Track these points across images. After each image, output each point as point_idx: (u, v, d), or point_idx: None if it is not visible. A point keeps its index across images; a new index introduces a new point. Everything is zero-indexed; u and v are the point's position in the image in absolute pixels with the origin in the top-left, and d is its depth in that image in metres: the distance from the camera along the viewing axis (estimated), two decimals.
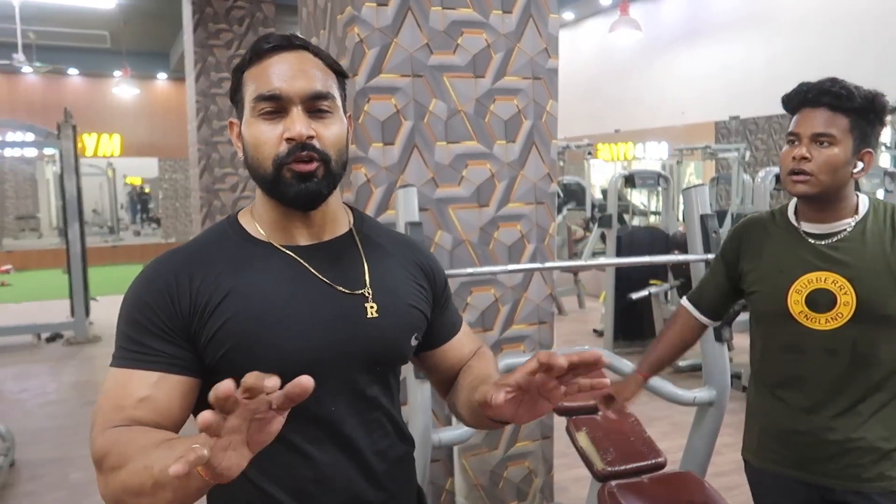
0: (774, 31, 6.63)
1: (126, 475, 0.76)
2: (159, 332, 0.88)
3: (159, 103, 13.19)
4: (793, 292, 1.40)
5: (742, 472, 3.24)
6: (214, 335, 0.89)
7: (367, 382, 0.96)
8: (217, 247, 0.95)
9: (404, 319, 0.98)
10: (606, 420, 1.90)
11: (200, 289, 0.90)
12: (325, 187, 0.92)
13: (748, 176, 7.29)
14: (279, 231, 0.95)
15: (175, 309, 0.89)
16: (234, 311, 0.89)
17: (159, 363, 0.87)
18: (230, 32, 6.66)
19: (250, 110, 0.92)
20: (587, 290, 7.55)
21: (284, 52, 0.92)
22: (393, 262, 1.01)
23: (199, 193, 6.88)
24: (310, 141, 0.89)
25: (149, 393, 0.86)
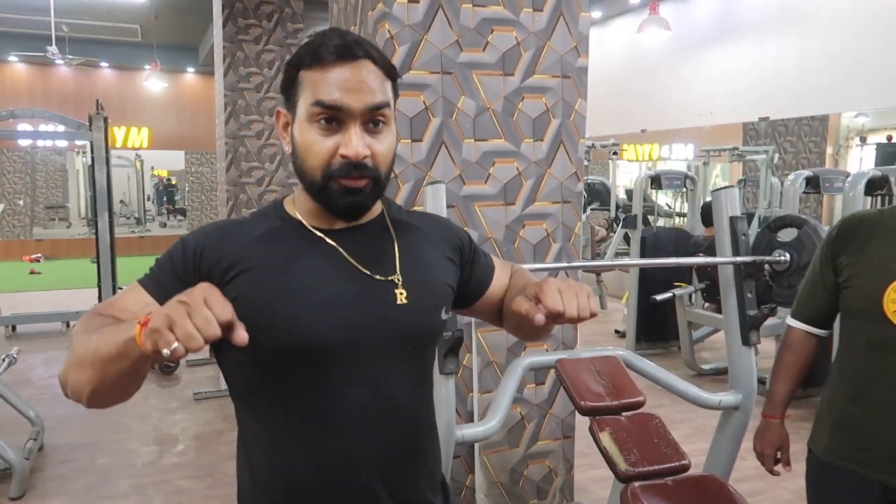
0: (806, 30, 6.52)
1: (74, 349, 0.85)
2: (179, 273, 0.93)
3: (187, 97, 13.33)
4: (890, 291, 1.37)
5: (765, 479, 3.21)
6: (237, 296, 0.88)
7: (400, 362, 0.98)
8: (255, 224, 0.99)
9: (434, 299, 1.00)
10: (631, 421, 1.89)
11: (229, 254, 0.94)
12: (371, 200, 0.96)
13: (776, 179, 7.19)
14: (315, 216, 0.98)
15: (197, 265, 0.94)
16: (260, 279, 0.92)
17: (159, 293, 0.91)
18: (259, 28, 6.71)
19: (306, 113, 0.91)
20: (609, 291, 7.51)
21: (348, 62, 0.91)
22: (423, 239, 1.04)
23: (225, 187, 6.95)
24: (364, 160, 0.90)
25: (136, 310, 0.90)
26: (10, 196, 12.23)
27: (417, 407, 1.01)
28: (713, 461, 2.27)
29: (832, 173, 4.33)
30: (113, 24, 10.33)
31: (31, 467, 3.15)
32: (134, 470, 3.27)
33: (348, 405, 0.93)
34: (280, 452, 0.94)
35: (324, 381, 0.92)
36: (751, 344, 2.17)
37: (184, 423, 3.90)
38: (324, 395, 0.92)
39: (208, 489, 3.07)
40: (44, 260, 11.37)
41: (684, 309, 4.87)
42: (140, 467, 3.30)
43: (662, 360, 4.82)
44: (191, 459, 3.40)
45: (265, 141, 6.96)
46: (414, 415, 1.00)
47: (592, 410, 1.92)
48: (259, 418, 0.96)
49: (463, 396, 2.50)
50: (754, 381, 2.21)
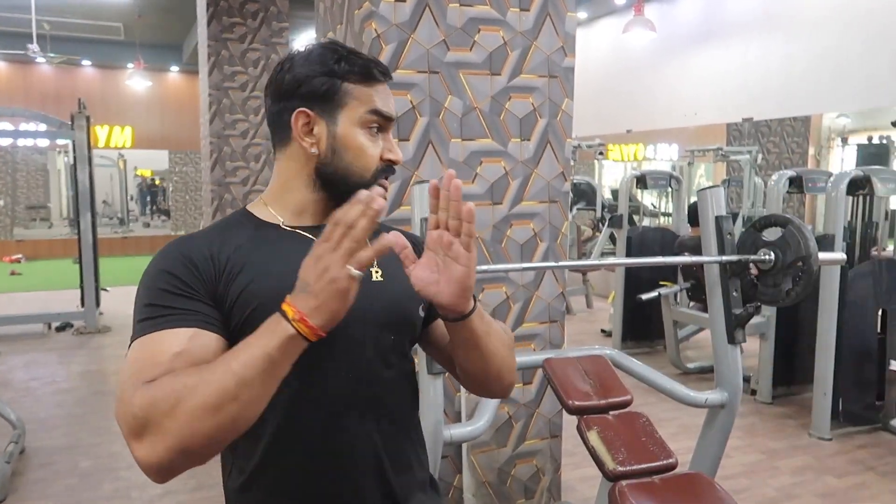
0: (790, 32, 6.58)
1: (194, 400, 0.76)
2: (187, 294, 0.89)
3: (171, 96, 13.23)
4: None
5: (750, 476, 3.24)
6: (239, 296, 0.91)
7: (384, 346, 0.99)
8: (232, 229, 0.99)
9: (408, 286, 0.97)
10: (618, 420, 1.90)
11: (220, 256, 0.93)
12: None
13: (760, 179, 7.25)
14: (299, 215, 1.00)
15: (198, 273, 0.91)
16: (256, 274, 0.92)
17: (192, 320, 0.87)
18: (244, 26, 6.67)
19: (358, 119, 0.98)
20: (595, 291, 7.54)
21: (385, 82, 1.02)
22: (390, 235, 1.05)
23: (210, 186, 6.90)
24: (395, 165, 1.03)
25: (184, 347, 0.84)
26: None
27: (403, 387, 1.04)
28: (699, 459, 2.28)
29: (815, 173, 4.37)
30: (95, 22, 10.23)
31: (13, 471, 3.10)
32: (117, 473, 3.23)
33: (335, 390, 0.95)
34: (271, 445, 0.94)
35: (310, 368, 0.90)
36: (736, 342, 2.19)
37: None
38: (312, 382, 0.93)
39: (193, 491, 3.04)
40: (24, 261, 11.22)
41: (670, 308, 4.89)
42: (123, 470, 3.26)
43: (648, 358, 4.84)
44: None
45: (250, 140, 6.92)
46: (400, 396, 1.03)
47: (580, 409, 1.92)
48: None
49: (450, 396, 2.49)
50: (740, 379, 2.22)
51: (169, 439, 0.77)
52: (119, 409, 0.81)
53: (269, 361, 0.78)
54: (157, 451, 0.77)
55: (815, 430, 3.71)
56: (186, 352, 0.83)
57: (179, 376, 0.80)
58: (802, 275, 2.06)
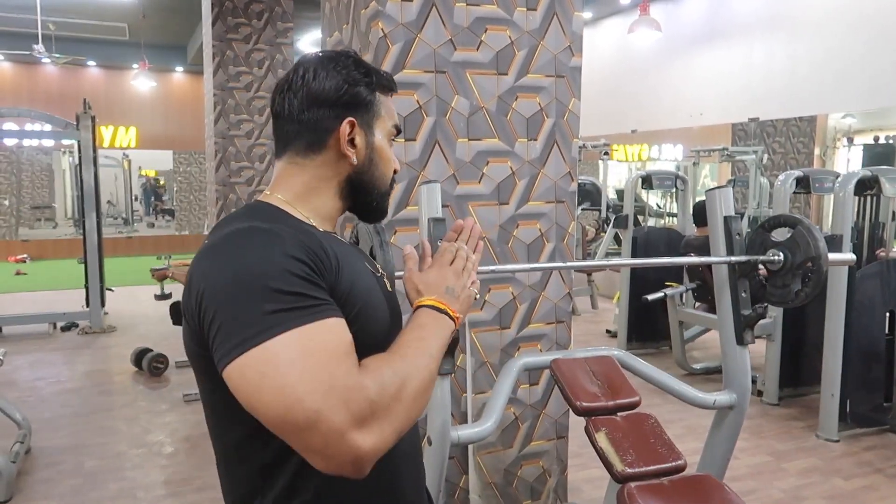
0: (795, 33, 6.56)
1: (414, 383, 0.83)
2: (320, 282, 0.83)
3: (176, 96, 13.24)
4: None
5: (757, 478, 3.22)
6: (348, 295, 0.87)
7: None
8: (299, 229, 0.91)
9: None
10: (626, 421, 1.89)
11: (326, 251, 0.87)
12: None
13: (765, 179, 7.22)
14: (328, 221, 1.02)
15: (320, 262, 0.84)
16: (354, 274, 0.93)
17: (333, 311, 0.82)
18: (249, 27, 6.67)
19: (387, 132, 1.04)
20: (600, 291, 7.52)
21: None
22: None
23: (214, 186, 6.90)
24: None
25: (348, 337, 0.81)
26: None
27: None
28: (707, 461, 2.26)
29: (822, 173, 4.36)
30: (100, 22, 10.24)
31: (18, 470, 3.10)
32: (122, 473, 3.23)
33: None
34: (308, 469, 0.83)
35: None
36: (745, 343, 2.17)
37: (173, 424, 3.85)
38: None
39: (198, 492, 3.04)
40: (30, 260, 11.25)
41: (676, 308, 4.87)
42: (128, 470, 3.26)
43: (654, 359, 4.82)
44: (180, 461, 3.37)
45: (255, 140, 6.92)
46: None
47: (588, 411, 1.91)
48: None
49: (456, 397, 2.48)
50: (748, 381, 2.21)
51: (396, 423, 0.78)
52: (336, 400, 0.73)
53: (442, 350, 0.92)
54: (385, 435, 0.76)
55: (823, 432, 3.69)
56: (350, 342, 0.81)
57: (388, 362, 0.83)
58: (812, 275, 2.04)
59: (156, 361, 4.75)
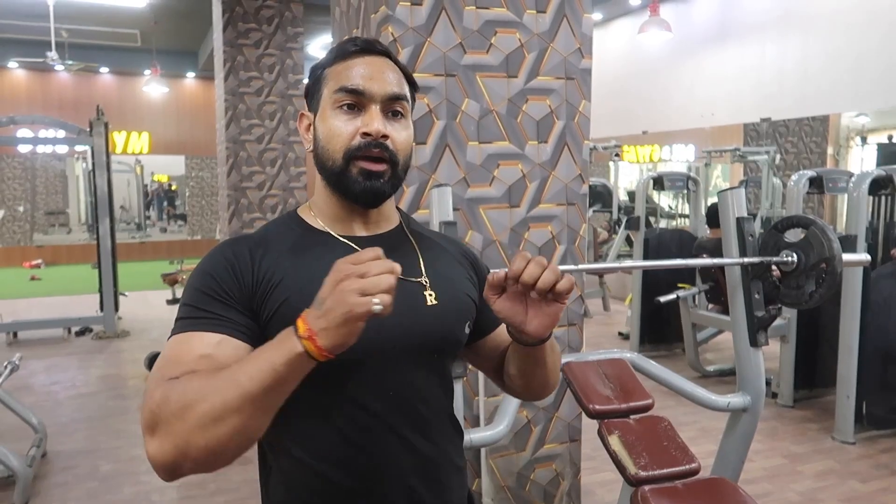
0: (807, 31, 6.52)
1: (201, 406, 0.75)
2: (222, 299, 0.89)
3: (187, 102, 13.34)
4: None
5: (772, 480, 3.20)
6: (277, 310, 0.89)
7: (426, 369, 0.97)
8: (280, 234, 0.97)
9: (460, 307, 1.00)
10: (639, 424, 1.88)
11: (262, 265, 0.91)
12: (389, 188, 0.96)
13: (778, 179, 7.18)
14: (338, 223, 0.98)
15: (238, 280, 0.90)
16: (296, 288, 0.89)
17: (222, 326, 0.87)
18: (259, 32, 6.72)
19: (329, 102, 0.95)
20: (612, 293, 7.49)
21: (368, 55, 0.97)
22: (444, 254, 1.04)
23: (226, 191, 6.94)
24: (384, 140, 0.93)
25: (210, 351, 0.84)
26: (11, 202, 12.22)
27: (444, 410, 1.01)
28: (721, 463, 2.25)
29: (836, 173, 4.32)
30: (112, 29, 10.34)
31: (35, 474, 3.13)
32: (137, 477, 3.25)
33: (379, 411, 0.92)
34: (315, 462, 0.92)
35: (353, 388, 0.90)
36: (759, 345, 2.16)
37: None
38: (353, 402, 0.91)
39: (213, 495, 3.05)
40: (44, 266, 11.36)
41: (688, 310, 4.85)
42: (143, 473, 3.28)
43: (666, 361, 4.80)
44: None
45: (266, 145, 6.96)
46: (442, 417, 1.00)
47: (601, 414, 1.90)
48: (289, 430, 0.92)
49: (469, 401, 2.48)
50: (762, 383, 2.19)
51: (174, 440, 0.76)
52: (144, 400, 0.82)
53: (274, 376, 0.75)
54: (165, 449, 0.77)
55: (839, 434, 3.65)
56: (211, 357, 0.83)
57: (194, 380, 0.79)
58: (826, 276, 2.03)
59: None
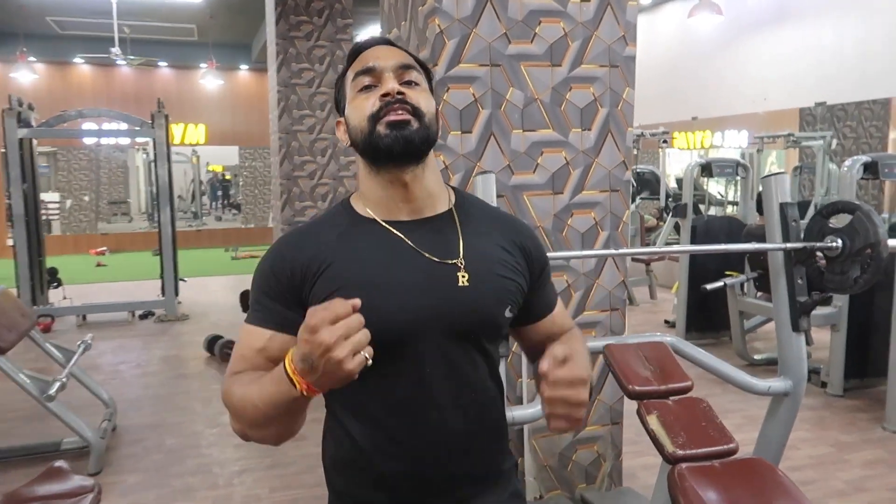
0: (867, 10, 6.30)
1: (245, 415, 0.94)
2: (276, 295, 1.01)
3: (241, 93, 13.68)
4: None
5: (817, 468, 3.19)
6: (324, 298, 0.96)
7: (461, 350, 1.02)
8: (329, 223, 1.06)
9: (497, 290, 1.02)
10: (678, 405, 1.93)
11: (310, 257, 1.01)
12: (418, 136, 0.98)
13: (834, 165, 6.98)
14: (383, 208, 1.04)
15: (289, 276, 1.01)
16: (340, 275, 0.99)
17: (272, 322, 1.00)
18: (310, 24, 6.88)
19: (352, 89, 1.04)
20: (659, 282, 7.44)
21: (374, 46, 1.07)
22: (489, 238, 1.06)
23: (279, 180, 7.15)
24: (401, 96, 0.99)
25: (263, 345, 1.00)
26: (77, 192, 12.79)
27: (487, 385, 1.07)
28: (762, 448, 2.27)
29: (892, 158, 4.20)
30: (171, 24, 10.69)
31: (106, 446, 3.35)
32: (199, 450, 3.44)
33: (422, 388, 1.00)
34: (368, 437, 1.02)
35: (395, 367, 0.98)
36: (800, 330, 2.17)
37: None
38: (398, 380, 0.99)
39: (269, 469, 3.22)
40: (108, 253, 11.88)
41: (736, 298, 4.80)
42: (205, 448, 3.47)
43: (713, 349, 4.75)
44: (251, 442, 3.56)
45: (317, 135, 7.13)
46: (485, 392, 1.06)
47: (640, 394, 1.96)
48: (344, 405, 1.05)
49: (512, 382, 2.56)
50: (804, 368, 2.20)
51: (235, 426, 0.98)
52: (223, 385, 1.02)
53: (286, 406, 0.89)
54: (234, 427, 0.99)
55: (889, 424, 3.59)
56: (265, 349, 1.00)
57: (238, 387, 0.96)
58: (871, 262, 2.03)
59: (226, 347, 4.99)
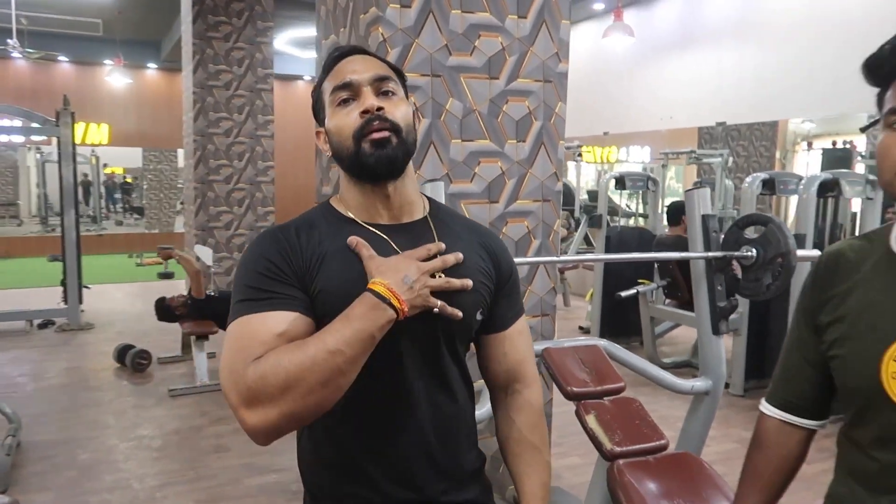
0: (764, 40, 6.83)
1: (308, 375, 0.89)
2: (282, 279, 0.98)
3: (149, 93, 13.09)
4: (889, 360, 0.92)
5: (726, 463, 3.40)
6: (323, 289, 0.99)
7: (438, 351, 1.06)
8: (315, 221, 1.07)
9: (472, 293, 1.06)
10: (613, 404, 2.03)
11: (308, 247, 1.02)
12: (400, 153, 1.03)
13: (730, 181, 7.49)
14: (363, 211, 1.07)
15: (291, 262, 1.00)
16: (336, 269, 1.00)
17: (293, 305, 0.97)
18: (229, 25, 6.71)
19: (330, 104, 1.06)
20: (572, 290, 7.72)
21: (350, 56, 1.09)
22: (462, 244, 1.09)
23: (193, 184, 6.91)
24: (380, 112, 1.02)
25: (285, 328, 0.95)
26: None
27: (459, 385, 1.11)
28: (684, 443, 2.42)
29: (786, 176, 4.58)
30: (74, 17, 10.12)
31: (12, 463, 3.13)
32: (116, 465, 3.28)
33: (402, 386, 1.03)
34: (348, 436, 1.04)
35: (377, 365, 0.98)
36: (720, 333, 2.34)
37: (161, 418, 3.90)
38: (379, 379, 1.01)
39: (192, 482, 3.11)
40: None
41: (647, 305, 5.06)
42: (122, 462, 3.31)
43: None
44: (171, 454, 3.42)
45: (234, 139, 6.96)
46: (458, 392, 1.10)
47: (578, 395, 2.05)
48: None
49: None
50: (723, 368, 2.37)
51: (284, 408, 0.90)
52: (229, 380, 0.92)
53: (371, 339, 0.92)
54: (270, 418, 0.90)
55: None
56: (287, 333, 0.94)
57: (286, 353, 0.91)
58: (782, 270, 2.22)
59: (139, 358, 4.77)
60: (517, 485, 1.16)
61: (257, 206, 7.19)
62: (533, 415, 1.19)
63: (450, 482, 1.08)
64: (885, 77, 0.93)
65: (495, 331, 1.16)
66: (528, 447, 1.17)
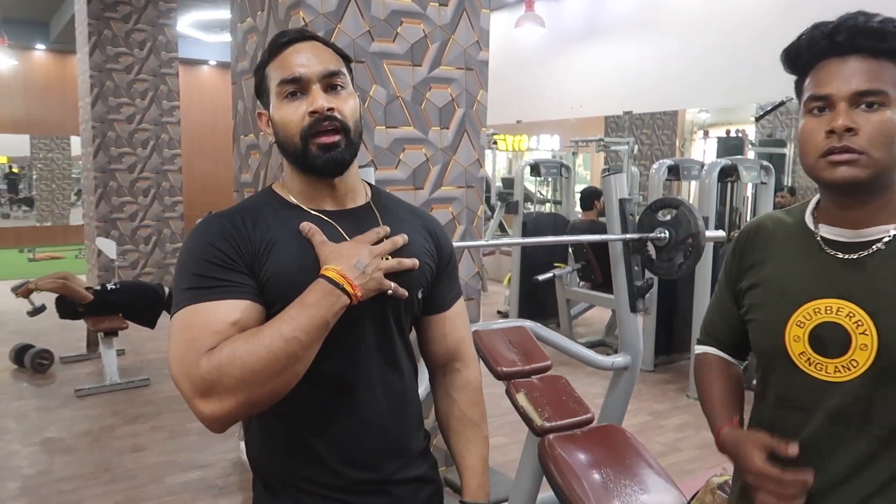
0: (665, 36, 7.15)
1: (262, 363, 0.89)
2: (232, 267, 0.97)
3: (37, 76, 12.17)
4: (793, 325, 0.99)
5: (644, 433, 3.58)
6: (273, 276, 0.98)
7: (387, 330, 1.08)
8: (263, 206, 1.06)
9: (416, 273, 1.08)
10: (542, 382, 2.10)
11: (256, 234, 1.00)
12: (348, 155, 1.04)
13: (635, 168, 7.84)
14: (308, 198, 1.07)
15: (240, 248, 0.98)
16: (285, 256, 1.00)
17: (244, 293, 0.96)
18: (128, 5, 6.36)
19: (276, 95, 1.04)
20: (489, 275, 7.86)
21: (297, 43, 1.05)
22: (406, 226, 1.11)
23: (92, 174, 6.54)
24: (330, 112, 1.01)
25: (238, 317, 0.94)
26: None
27: (407, 364, 1.13)
28: (606, 416, 2.54)
29: (689, 162, 4.84)
30: None
31: None
32: (20, 472, 3.08)
33: (355, 366, 1.04)
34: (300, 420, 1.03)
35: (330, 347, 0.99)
36: (637, 311, 2.46)
37: (69, 420, 3.70)
38: (332, 362, 1.01)
39: (109, 483, 2.97)
40: None
41: (563, 288, 5.24)
42: (27, 468, 3.12)
43: None
44: (83, 456, 3.26)
45: (137, 125, 6.63)
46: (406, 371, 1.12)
47: (508, 375, 2.11)
48: None
49: None
50: (640, 344, 2.50)
51: (239, 398, 0.90)
52: (180, 371, 0.91)
53: (325, 326, 0.94)
54: (227, 407, 0.90)
55: (692, 392, 4.15)
56: (241, 321, 0.94)
57: (242, 343, 0.90)
58: (692, 250, 2.36)
59: (40, 357, 4.49)
60: (457, 460, 1.20)
61: (164, 196, 6.88)
62: (473, 392, 1.22)
63: (401, 460, 1.10)
64: (802, 66, 0.99)
65: (436, 311, 1.18)
66: (468, 424, 1.20)
